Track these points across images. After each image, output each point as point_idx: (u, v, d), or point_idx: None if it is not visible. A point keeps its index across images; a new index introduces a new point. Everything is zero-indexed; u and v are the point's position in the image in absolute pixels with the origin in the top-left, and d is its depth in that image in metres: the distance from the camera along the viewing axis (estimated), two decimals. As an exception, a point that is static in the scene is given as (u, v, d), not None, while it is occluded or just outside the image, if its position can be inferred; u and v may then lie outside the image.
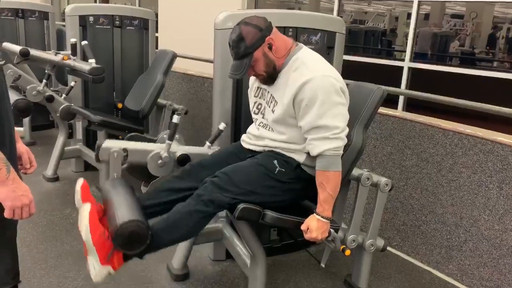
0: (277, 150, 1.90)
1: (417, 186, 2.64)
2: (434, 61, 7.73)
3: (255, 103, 2.01)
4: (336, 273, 2.50)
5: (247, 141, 2.04)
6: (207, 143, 2.33)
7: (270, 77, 1.85)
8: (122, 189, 1.90)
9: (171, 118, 3.44)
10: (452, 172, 2.47)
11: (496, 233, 2.30)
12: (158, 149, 2.29)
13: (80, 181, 1.80)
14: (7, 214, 1.29)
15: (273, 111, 1.87)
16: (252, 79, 2.05)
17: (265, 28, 1.78)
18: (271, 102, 1.89)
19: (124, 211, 1.70)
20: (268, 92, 1.91)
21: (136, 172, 2.50)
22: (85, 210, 1.65)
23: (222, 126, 2.28)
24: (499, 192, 2.28)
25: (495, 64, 8.31)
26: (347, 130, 1.79)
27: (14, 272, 1.58)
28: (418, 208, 2.65)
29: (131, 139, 2.42)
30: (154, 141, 2.64)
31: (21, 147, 1.54)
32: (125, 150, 2.22)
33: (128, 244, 1.63)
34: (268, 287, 2.30)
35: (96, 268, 1.63)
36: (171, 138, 2.28)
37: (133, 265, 2.45)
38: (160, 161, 2.26)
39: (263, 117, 1.96)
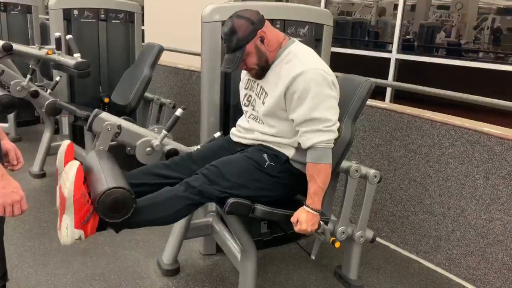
0: (267, 144, 1.89)
1: (405, 177, 2.66)
2: (421, 52, 7.77)
3: (245, 95, 2.00)
4: (326, 265, 2.52)
5: (236, 134, 2.03)
6: (198, 147, 2.30)
7: (261, 70, 1.85)
8: (109, 160, 1.86)
9: (160, 111, 3.44)
10: (439, 163, 2.49)
11: (482, 222, 2.34)
12: (150, 136, 2.27)
13: (67, 142, 1.76)
14: None
15: (263, 103, 1.87)
16: (244, 72, 2.04)
17: (257, 21, 1.78)
18: (261, 94, 1.88)
19: (112, 177, 1.65)
20: (258, 84, 1.90)
21: (124, 164, 2.49)
22: (73, 166, 1.59)
23: (217, 134, 2.27)
24: (485, 182, 2.31)
25: (480, 54, 8.38)
26: (338, 123, 1.79)
27: (2, 271, 1.56)
28: (407, 199, 2.68)
29: (127, 120, 2.40)
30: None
31: (8, 144, 1.51)
32: (119, 127, 2.20)
33: (110, 210, 1.58)
34: (259, 280, 2.31)
35: (69, 229, 1.57)
36: (169, 129, 2.26)
37: (122, 260, 2.44)
38: (149, 149, 2.25)
39: (253, 109, 1.95)
